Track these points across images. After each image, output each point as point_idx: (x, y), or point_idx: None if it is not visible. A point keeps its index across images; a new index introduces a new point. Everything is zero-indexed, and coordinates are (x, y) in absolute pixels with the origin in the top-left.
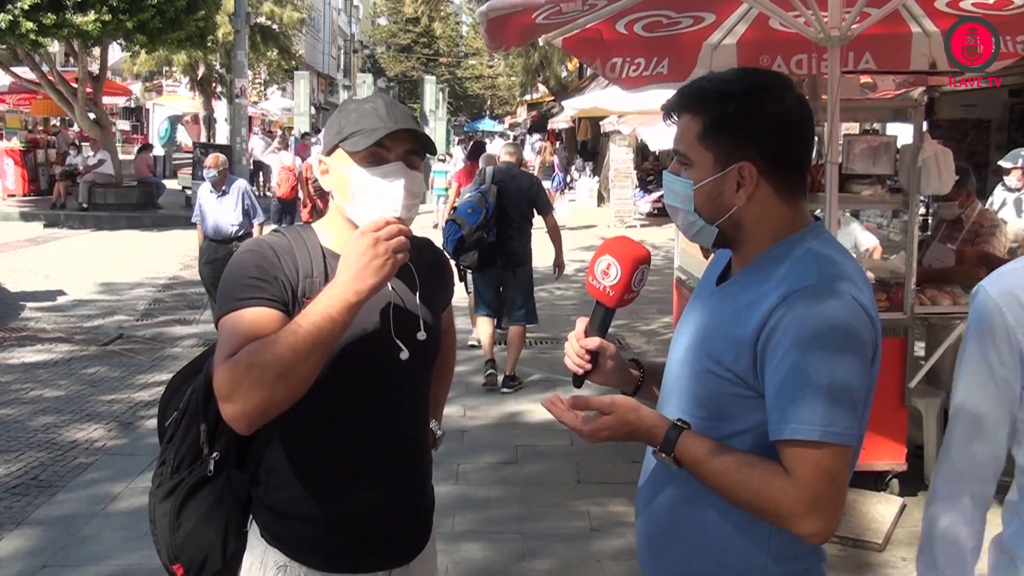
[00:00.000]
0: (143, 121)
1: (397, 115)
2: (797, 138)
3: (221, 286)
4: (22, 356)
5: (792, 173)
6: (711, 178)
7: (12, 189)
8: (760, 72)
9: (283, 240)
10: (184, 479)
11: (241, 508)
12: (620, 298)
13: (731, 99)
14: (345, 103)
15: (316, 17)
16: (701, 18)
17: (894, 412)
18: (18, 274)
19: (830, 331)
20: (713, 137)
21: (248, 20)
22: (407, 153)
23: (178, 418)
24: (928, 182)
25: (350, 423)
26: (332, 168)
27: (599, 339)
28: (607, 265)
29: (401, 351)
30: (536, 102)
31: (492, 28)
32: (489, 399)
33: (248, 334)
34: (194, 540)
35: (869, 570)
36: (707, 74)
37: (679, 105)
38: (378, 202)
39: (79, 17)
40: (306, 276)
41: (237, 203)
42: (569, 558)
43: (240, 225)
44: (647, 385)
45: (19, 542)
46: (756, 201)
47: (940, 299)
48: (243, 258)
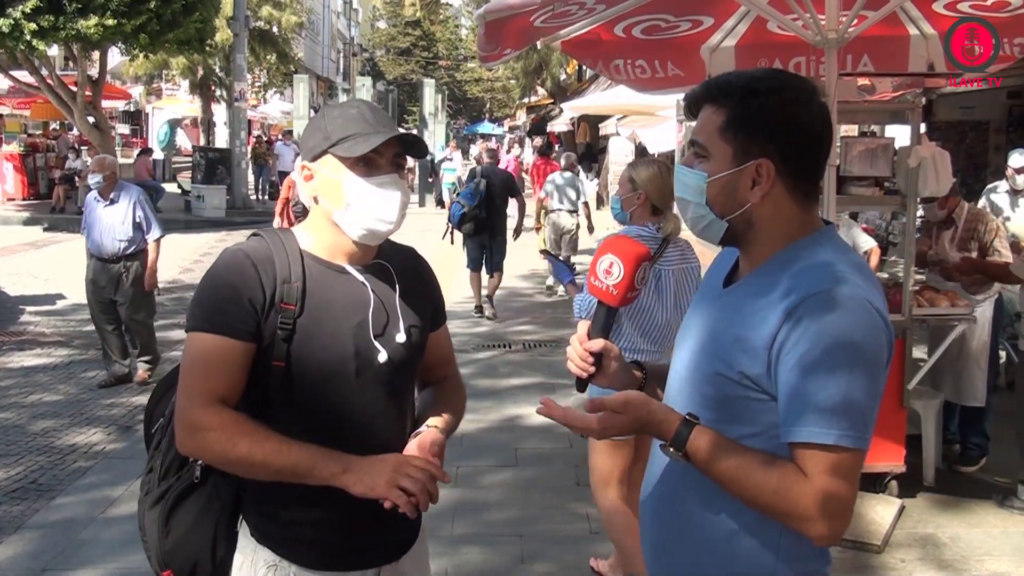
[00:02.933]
0: (142, 125)
1: (384, 120)
2: (817, 143)
3: (197, 291)
4: (21, 360)
5: (808, 176)
6: (727, 172)
7: (12, 193)
8: (788, 74)
9: (262, 245)
10: (172, 486)
11: (229, 513)
12: (623, 296)
13: (758, 95)
14: (325, 108)
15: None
16: (699, 21)
17: (893, 413)
18: (17, 278)
19: (845, 336)
20: (734, 131)
21: (247, 23)
22: (395, 157)
23: (164, 424)
24: (926, 184)
25: (330, 424)
26: (319, 174)
27: (603, 341)
28: (609, 264)
29: (379, 353)
30: (535, 105)
31: (491, 31)
32: (489, 403)
33: (213, 373)
34: (183, 546)
35: (868, 571)
36: (733, 71)
37: (704, 96)
38: (373, 211)
39: (80, 21)
40: (284, 282)
41: (127, 215)
42: (568, 561)
43: (130, 241)
44: (650, 387)
45: (18, 546)
46: (770, 200)
47: (938, 301)
48: (220, 272)
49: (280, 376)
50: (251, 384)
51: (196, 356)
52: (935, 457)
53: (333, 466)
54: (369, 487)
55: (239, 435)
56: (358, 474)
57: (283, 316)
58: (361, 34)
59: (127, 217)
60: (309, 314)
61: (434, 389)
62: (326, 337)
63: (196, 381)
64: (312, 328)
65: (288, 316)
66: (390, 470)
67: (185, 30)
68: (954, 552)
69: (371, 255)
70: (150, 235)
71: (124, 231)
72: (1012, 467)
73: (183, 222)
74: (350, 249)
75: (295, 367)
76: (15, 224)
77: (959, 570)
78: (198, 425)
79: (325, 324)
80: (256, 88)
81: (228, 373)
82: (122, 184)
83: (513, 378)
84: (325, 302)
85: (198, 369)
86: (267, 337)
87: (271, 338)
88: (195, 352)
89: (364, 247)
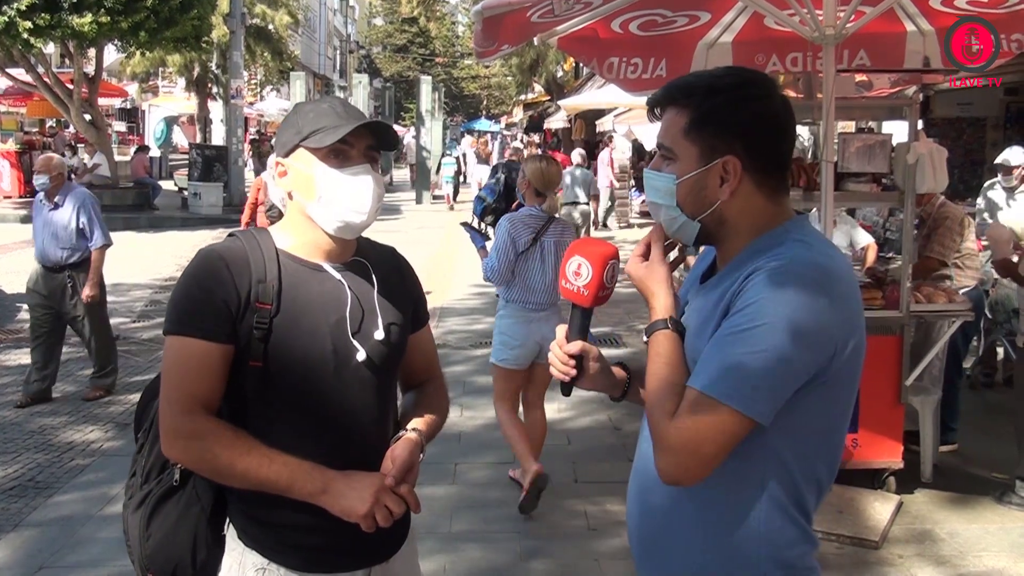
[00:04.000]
0: (139, 122)
1: (355, 113)
2: (782, 135)
3: (172, 293)
4: (19, 358)
5: (775, 169)
6: (694, 172)
7: (8, 191)
8: (747, 70)
9: (237, 245)
10: (152, 490)
11: (209, 516)
12: (595, 296)
13: (718, 93)
14: (298, 105)
15: (312, 18)
16: (696, 17)
17: (890, 410)
18: (14, 275)
19: (776, 305)
20: (699, 131)
21: (243, 20)
22: (368, 149)
23: (147, 428)
24: (923, 180)
25: (310, 423)
26: (293, 168)
27: (581, 342)
28: (577, 266)
29: (357, 351)
30: (532, 102)
31: (488, 27)
32: (486, 400)
33: (192, 377)
34: (164, 550)
35: (866, 568)
36: (693, 72)
37: (666, 98)
38: (347, 202)
39: (75, 18)
40: (259, 281)
41: (71, 220)
42: (567, 558)
43: (72, 249)
44: (634, 386)
45: (16, 544)
46: (739, 196)
47: (936, 297)
48: (193, 274)
49: (258, 376)
50: (229, 385)
51: (174, 361)
52: (933, 453)
53: (312, 485)
54: (346, 512)
55: (220, 445)
56: (335, 497)
57: (259, 316)
58: (358, 31)
59: (71, 222)
60: (285, 313)
61: (417, 392)
62: (303, 336)
63: (176, 386)
64: (289, 327)
65: (264, 316)
66: (369, 498)
67: (182, 27)
68: (952, 548)
69: (349, 253)
70: (93, 242)
71: (67, 237)
72: (1010, 463)
73: (180, 219)
74: (327, 246)
75: (273, 366)
76: (12, 222)
77: (957, 566)
78: (180, 432)
79: (302, 323)
80: (252, 85)
81: (207, 376)
82: (69, 187)
83: None
84: (302, 301)
85: (177, 374)
86: (243, 337)
87: (247, 338)
88: (173, 356)
89: (341, 243)
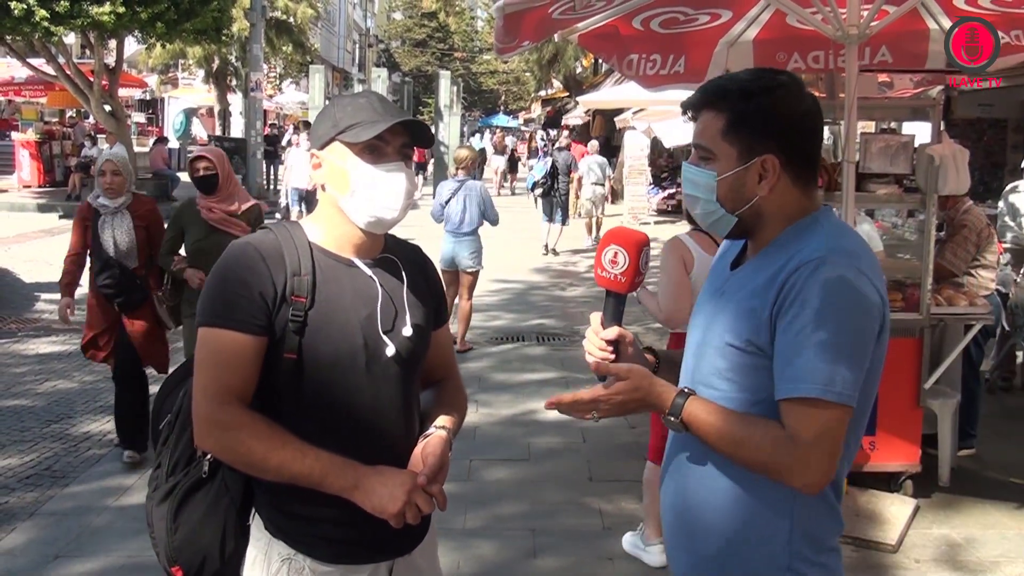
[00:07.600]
0: (158, 114)
1: (392, 110)
2: (813, 133)
3: (207, 285)
4: (37, 347)
5: (807, 165)
6: (734, 170)
7: (28, 180)
8: (776, 72)
9: (270, 238)
10: (180, 482)
11: (238, 508)
12: (631, 282)
13: (753, 97)
14: (336, 98)
15: (331, 11)
16: (718, 15)
17: (908, 413)
18: (33, 265)
19: (836, 297)
20: (736, 132)
21: (264, 14)
22: (402, 147)
23: (172, 421)
24: (946, 182)
25: (340, 416)
26: (327, 161)
27: (618, 328)
28: (614, 254)
29: (387, 346)
30: (551, 98)
31: (509, 23)
32: (502, 396)
33: (227, 369)
34: (192, 542)
35: (883, 571)
36: (724, 74)
37: (701, 102)
38: (380, 198)
39: (94, 8)
40: (294, 274)
41: None
42: (581, 556)
43: None
44: (662, 371)
45: (31, 532)
46: (777, 191)
47: (956, 300)
48: (229, 266)
49: (291, 369)
50: (262, 377)
51: (210, 352)
52: (951, 457)
53: (344, 480)
54: (377, 509)
55: (255, 438)
56: (367, 493)
57: (294, 309)
58: (377, 25)
59: None
60: (319, 307)
61: (437, 389)
62: (336, 330)
63: (211, 378)
64: (322, 321)
65: (299, 309)
66: (402, 497)
67: (202, 19)
68: (969, 553)
69: (378, 248)
70: None
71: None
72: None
73: None
74: (357, 240)
75: (307, 359)
76: (31, 211)
77: (974, 571)
78: (215, 423)
79: (335, 317)
80: (272, 78)
81: (242, 368)
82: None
83: (527, 372)
84: (335, 295)
85: (212, 365)
86: (279, 330)
87: (283, 331)
88: (208, 348)
89: (371, 239)
